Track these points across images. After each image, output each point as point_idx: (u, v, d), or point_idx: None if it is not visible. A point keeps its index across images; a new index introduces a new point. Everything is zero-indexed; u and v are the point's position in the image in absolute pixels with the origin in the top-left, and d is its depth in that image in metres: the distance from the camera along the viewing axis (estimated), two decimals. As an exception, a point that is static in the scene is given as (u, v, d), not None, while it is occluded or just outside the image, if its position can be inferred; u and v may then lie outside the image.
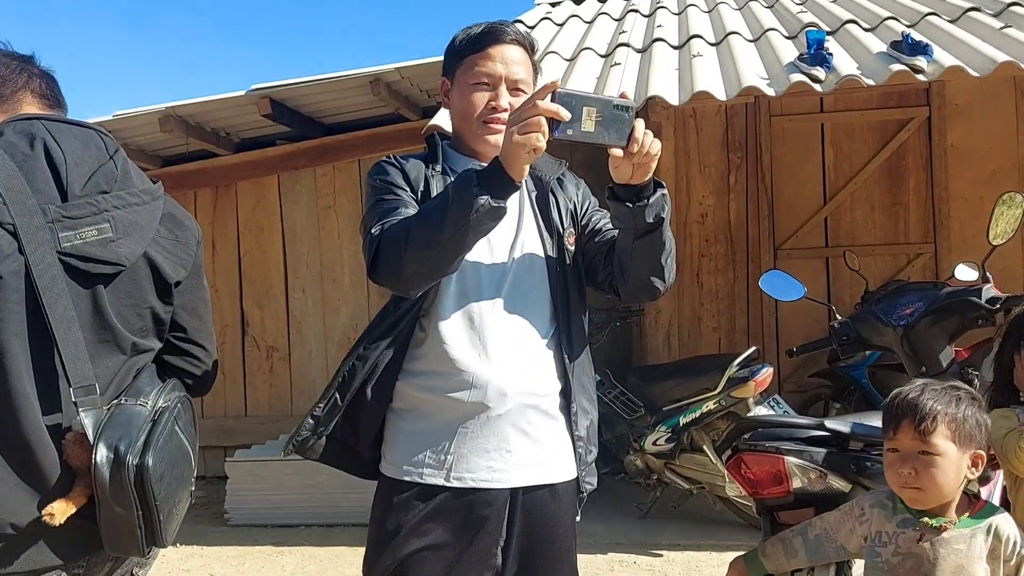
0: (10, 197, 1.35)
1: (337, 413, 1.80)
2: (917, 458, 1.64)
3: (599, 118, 1.54)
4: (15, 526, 1.35)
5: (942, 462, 1.63)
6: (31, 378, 1.38)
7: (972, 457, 1.65)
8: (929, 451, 1.63)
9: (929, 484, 1.64)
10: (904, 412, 1.66)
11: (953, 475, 1.64)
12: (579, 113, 1.51)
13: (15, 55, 1.63)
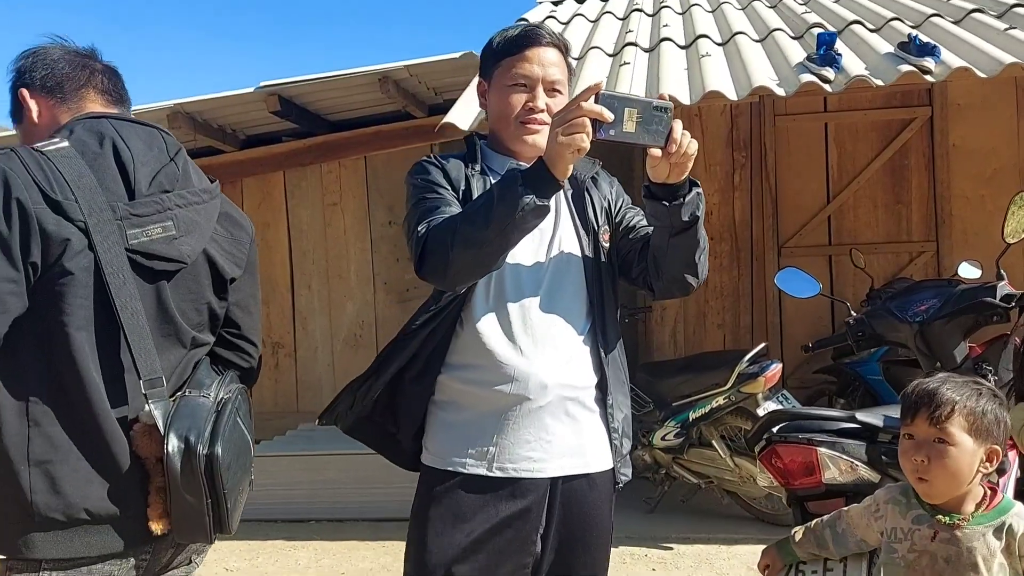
0: (81, 195, 1.39)
1: (373, 394, 1.86)
2: (932, 446, 1.64)
3: (639, 119, 1.58)
4: (90, 512, 1.39)
5: (955, 452, 1.62)
6: (99, 371, 1.42)
7: (987, 452, 1.65)
8: (944, 439, 1.63)
9: (941, 473, 1.63)
10: (922, 400, 1.67)
11: (966, 467, 1.63)
12: (621, 114, 1.55)
13: (77, 51, 1.65)
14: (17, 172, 1.36)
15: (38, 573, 1.38)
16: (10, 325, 1.36)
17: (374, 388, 1.87)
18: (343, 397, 1.91)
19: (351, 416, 1.91)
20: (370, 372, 1.89)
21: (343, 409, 1.91)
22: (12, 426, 1.37)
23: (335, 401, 1.93)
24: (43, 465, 1.37)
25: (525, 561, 1.82)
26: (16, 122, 1.66)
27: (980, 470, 1.65)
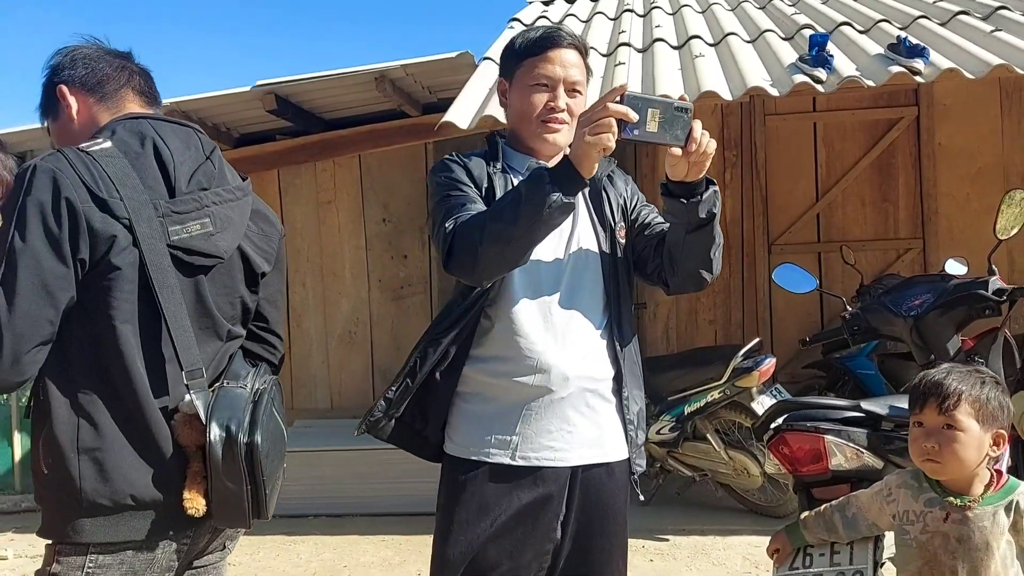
0: (126, 193, 1.44)
1: (408, 396, 1.89)
2: (941, 433, 1.74)
3: (662, 119, 1.65)
4: (135, 498, 1.44)
5: (964, 437, 1.72)
6: (143, 362, 1.47)
7: (994, 436, 1.75)
8: (953, 426, 1.73)
9: (950, 458, 1.73)
10: (930, 390, 1.77)
11: (974, 451, 1.73)
12: (644, 115, 1.62)
13: (116, 52, 1.69)
14: (65, 172, 1.41)
15: (85, 556, 1.43)
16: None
17: (408, 392, 1.90)
18: (377, 406, 1.92)
19: (388, 422, 1.93)
20: (404, 374, 1.91)
21: (381, 417, 1.92)
22: (61, 416, 1.42)
23: (370, 411, 1.94)
24: (91, 453, 1.42)
25: (546, 547, 1.88)
26: (49, 117, 1.69)
27: (988, 453, 1.74)
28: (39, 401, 1.45)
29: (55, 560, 1.44)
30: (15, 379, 1.38)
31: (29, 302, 1.36)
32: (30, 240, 1.37)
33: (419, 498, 4.86)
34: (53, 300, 1.39)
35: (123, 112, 1.63)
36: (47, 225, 1.38)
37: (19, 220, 1.38)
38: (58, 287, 1.39)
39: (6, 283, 1.36)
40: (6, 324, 1.34)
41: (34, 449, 1.47)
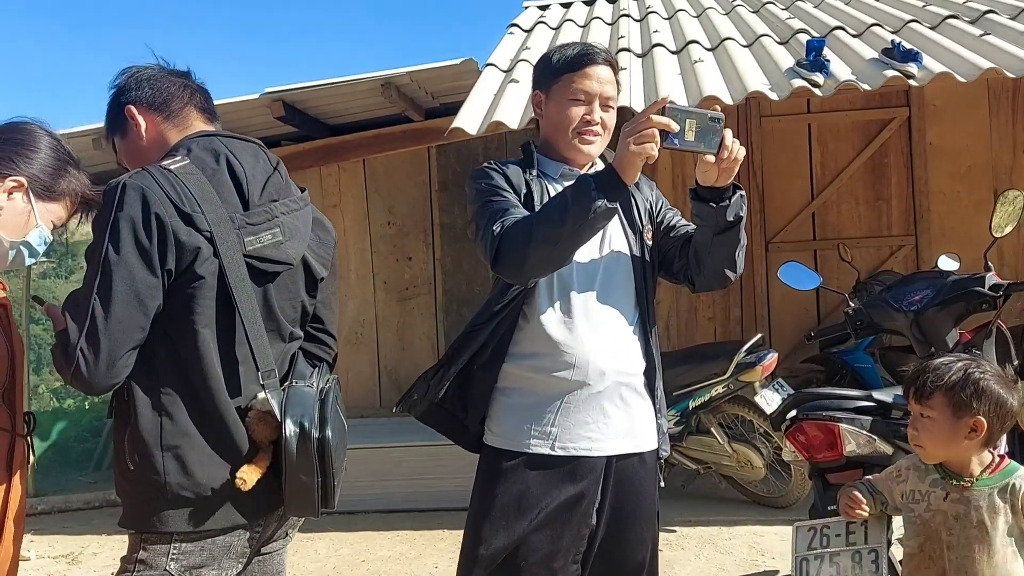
0: (206, 208, 1.54)
1: (446, 382, 2.03)
2: (919, 420, 1.91)
3: (698, 129, 1.78)
4: (213, 490, 1.55)
5: (934, 425, 1.88)
6: (219, 364, 1.58)
7: (971, 423, 1.86)
8: (927, 415, 1.89)
9: (928, 441, 1.90)
10: (911, 379, 1.95)
11: (947, 436, 1.87)
12: (683, 125, 1.75)
13: (176, 72, 1.80)
14: (153, 189, 1.51)
15: (170, 544, 1.54)
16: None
17: (446, 377, 2.04)
18: (417, 386, 2.08)
19: (424, 404, 2.07)
20: (442, 363, 2.06)
21: (417, 398, 2.07)
22: (145, 416, 1.52)
23: (409, 391, 2.09)
24: (174, 450, 1.53)
25: (583, 532, 2.01)
26: (117, 135, 1.79)
27: (967, 438, 1.86)
28: (122, 401, 1.56)
29: (141, 548, 1.54)
30: (110, 382, 1.49)
31: (123, 310, 1.47)
32: (123, 253, 1.47)
33: (431, 494, 5.02)
34: (144, 308, 1.49)
35: (190, 129, 1.73)
36: (138, 238, 1.48)
37: (112, 234, 1.48)
38: (148, 296, 1.50)
39: (102, 293, 1.46)
40: (103, 331, 1.45)
41: (119, 446, 1.57)
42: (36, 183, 1.61)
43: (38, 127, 1.67)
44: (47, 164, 1.63)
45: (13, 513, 1.56)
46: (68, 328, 1.46)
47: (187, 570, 1.54)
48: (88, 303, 1.46)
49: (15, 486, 1.56)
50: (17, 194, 1.59)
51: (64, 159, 1.67)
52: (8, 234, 1.59)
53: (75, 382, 1.47)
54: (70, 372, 1.45)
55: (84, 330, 1.44)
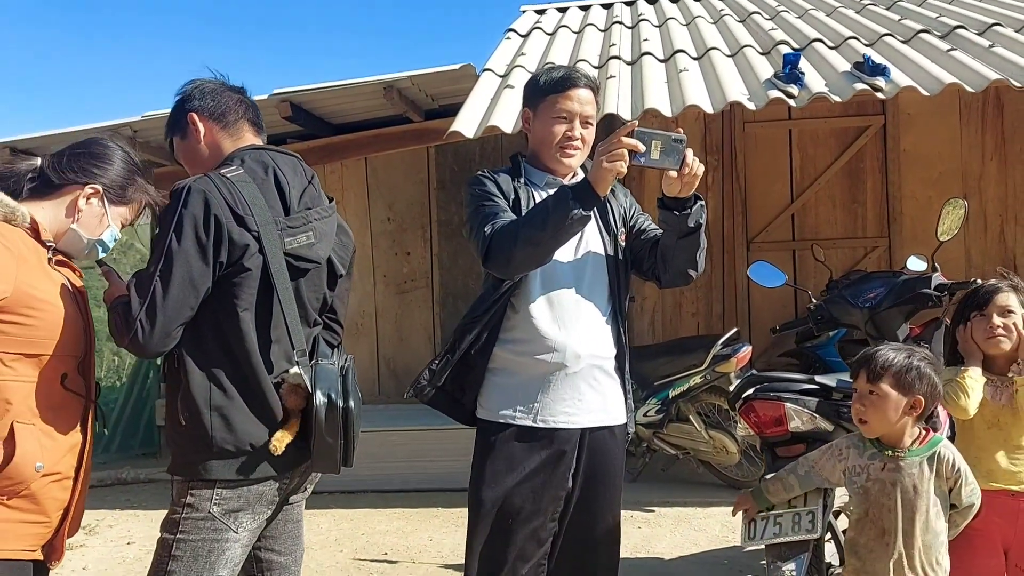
0: (256, 211, 1.84)
1: (448, 369, 2.31)
2: (867, 396, 2.17)
3: (662, 149, 2.08)
4: (253, 445, 1.84)
5: (881, 402, 2.15)
6: (256, 342, 1.87)
7: (912, 401, 2.15)
8: (875, 392, 2.16)
9: (874, 415, 2.16)
10: (862, 362, 2.21)
11: (892, 412, 2.15)
12: (649, 146, 2.05)
13: (233, 87, 2.09)
14: (213, 193, 1.80)
15: (213, 490, 1.83)
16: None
17: (449, 364, 2.32)
18: (423, 375, 2.35)
19: (431, 389, 2.35)
20: (445, 351, 2.34)
21: (425, 384, 2.35)
22: (196, 381, 1.82)
23: (417, 379, 2.36)
24: (220, 410, 1.82)
25: (560, 494, 2.31)
26: (177, 136, 2.07)
27: (907, 414, 2.16)
28: (173, 368, 1.85)
29: (188, 493, 1.83)
30: (159, 349, 1.77)
31: (179, 291, 1.76)
32: (184, 244, 1.76)
33: (426, 475, 5.34)
34: (196, 292, 1.78)
35: (242, 140, 2.03)
36: (198, 234, 1.77)
37: (177, 227, 1.77)
38: (200, 282, 1.78)
39: (163, 275, 1.75)
40: (160, 307, 1.74)
41: (171, 405, 1.86)
42: (110, 191, 1.89)
43: (112, 142, 1.95)
44: (119, 174, 1.91)
45: (84, 470, 1.84)
46: (131, 300, 1.75)
47: (227, 513, 1.83)
48: (151, 282, 1.75)
49: (88, 446, 1.85)
50: (94, 199, 1.87)
51: (133, 170, 1.95)
52: (87, 232, 1.87)
53: (130, 346, 1.76)
54: (128, 337, 1.74)
55: (145, 304, 1.73)
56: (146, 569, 1.90)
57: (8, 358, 1.65)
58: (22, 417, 1.66)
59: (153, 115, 5.92)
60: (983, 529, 2.29)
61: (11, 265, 1.64)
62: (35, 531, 1.71)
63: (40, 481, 1.68)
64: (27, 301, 1.66)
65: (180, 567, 1.79)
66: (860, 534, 2.20)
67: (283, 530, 2.06)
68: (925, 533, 2.12)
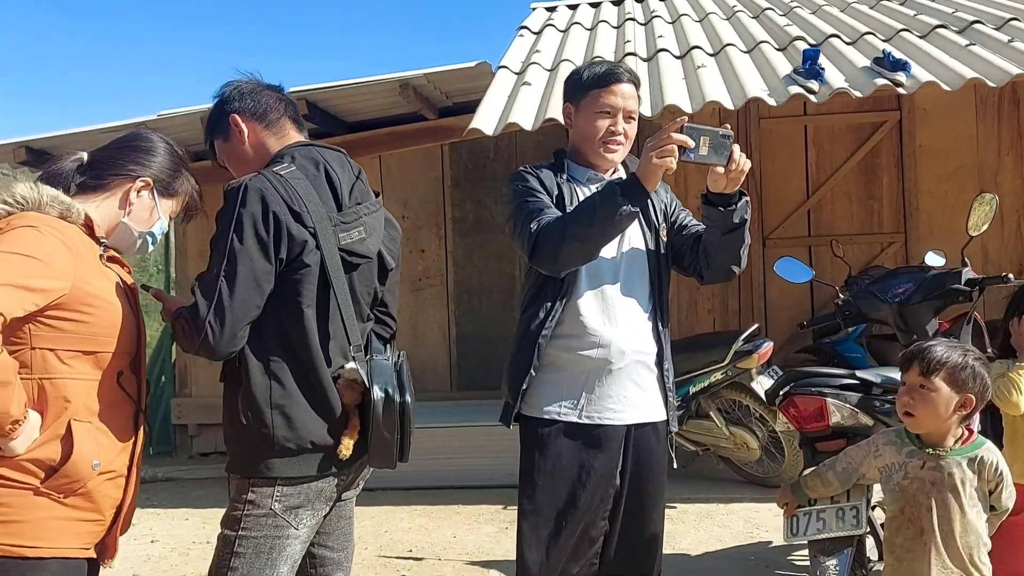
0: (311, 207, 1.84)
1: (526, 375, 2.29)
2: (917, 390, 2.14)
3: (710, 145, 2.08)
4: (313, 443, 1.83)
5: (935, 397, 2.12)
6: (319, 338, 1.87)
7: (963, 399, 2.13)
8: (926, 386, 2.13)
9: (920, 412, 2.13)
10: (916, 355, 2.17)
11: (942, 408, 2.12)
12: (698, 141, 2.05)
13: (271, 85, 2.08)
14: (270, 191, 1.80)
15: (274, 487, 1.83)
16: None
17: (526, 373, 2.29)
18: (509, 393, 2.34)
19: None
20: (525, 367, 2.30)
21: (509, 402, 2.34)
22: (257, 379, 1.82)
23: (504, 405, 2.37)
24: (281, 408, 1.81)
25: (609, 492, 2.31)
26: (219, 139, 2.06)
27: (957, 412, 2.14)
28: (234, 368, 1.85)
29: (249, 490, 1.83)
30: (230, 349, 1.78)
31: (244, 290, 1.75)
32: (246, 243, 1.75)
33: (447, 473, 5.34)
34: (261, 290, 1.78)
35: (287, 138, 2.02)
36: (258, 232, 1.76)
37: (237, 227, 1.76)
38: (264, 280, 1.78)
39: (228, 275, 1.74)
40: (228, 307, 1.74)
41: (230, 403, 1.86)
42: (159, 183, 1.89)
43: (156, 135, 1.94)
44: (167, 167, 1.90)
45: (136, 467, 1.84)
46: (198, 303, 1.74)
47: (288, 510, 1.83)
48: (216, 283, 1.74)
49: (140, 439, 1.85)
50: (145, 192, 1.87)
51: (178, 163, 1.94)
52: (138, 226, 1.87)
53: (201, 349, 1.76)
54: (199, 341, 1.74)
55: (212, 305, 1.73)
56: (172, 567, 1.90)
57: (66, 355, 1.65)
58: (79, 415, 1.66)
59: (168, 114, 5.93)
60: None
61: (69, 261, 1.64)
62: (90, 529, 1.70)
63: (96, 479, 1.68)
64: (84, 298, 1.65)
65: (243, 563, 1.79)
66: (896, 534, 2.18)
67: (336, 526, 2.06)
68: (965, 534, 2.11)
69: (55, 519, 1.63)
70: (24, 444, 1.60)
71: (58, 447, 1.63)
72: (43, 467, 1.62)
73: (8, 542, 1.59)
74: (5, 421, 1.53)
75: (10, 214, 1.67)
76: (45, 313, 1.61)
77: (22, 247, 1.58)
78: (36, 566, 1.61)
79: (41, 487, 1.62)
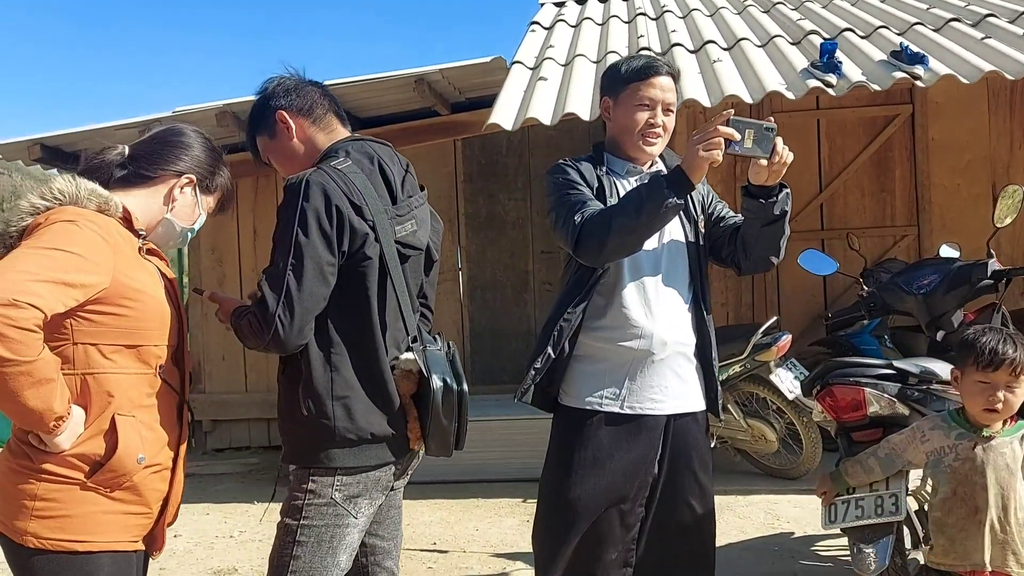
0: (369, 201, 1.85)
1: (548, 364, 2.32)
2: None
3: (754, 137, 2.10)
4: (373, 434, 1.86)
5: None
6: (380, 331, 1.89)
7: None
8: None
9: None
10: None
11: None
12: (743, 134, 2.08)
13: (312, 81, 2.09)
14: (331, 185, 1.81)
15: (334, 477, 1.85)
16: None
17: (550, 359, 2.32)
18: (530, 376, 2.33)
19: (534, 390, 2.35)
20: (546, 347, 2.32)
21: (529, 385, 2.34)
22: (319, 371, 1.83)
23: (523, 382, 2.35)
24: (342, 400, 1.83)
25: (647, 480, 2.34)
26: (265, 135, 2.06)
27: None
28: (293, 360, 1.86)
29: (310, 479, 1.85)
30: (300, 342, 1.80)
31: (312, 283, 1.77)
32: (311, 237, 1.77)
33: (464, 467, 5.35)
34: (326, 282, 1.80)
35: (335, 132, 2.04)
36: (322, 226, 1.78)
37: (301, 221, 1.77)
38: (330, 272, 1.80)
39: (295, 269, 1.76)
40: (297, 299, 1.75)
41: (290, 395, 1.87)
42: (201, 180, 1.89)
43: (195, 131, 1.94)
44: (208, 163, 1.90)
45: (181, 459, 1.85)
46: (266, 298, 1.76)
47: (348, 499, 1.86)
48: (283, 278, 1.76)
49: (184, 431, 1.86)
50: (188, 188, 1.87)
51: (217, 158, 1.94)
52: (181, 221, 1.87)
53: (271, 344, 1.77)
54: (269, 335, 1.75)
55: (281, 299, 1.75)
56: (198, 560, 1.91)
57: (108, 350, 1.65)
58: (123, 409, 1.66)
59: (184, 110, 5.94)
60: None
61: (108, 256, 1.63)
62: (138, 522, 1.71)
63: (142, 473, 1.68)
64: (124, 292, 1.65)
65: (305, 552, 1.82)
66: (948, 514, 2.22)
67: (387, 515, 2.08)
68: (1021, 509, 2.16)
69: (103, 513, 1.64)
70: (69, 440, 1.60)
71: (102, 442, 1.64)
72: (88, 462, 1.63)
73: (59, 536, 1.60)
74: (49, 418, 1.53)
75: (48, 208, 1.66)
76: (86, 308, 1.60)
77: (61, 242, 1.57)
78: (88, 560, 1.62)
79: (88, 482, 1.62)
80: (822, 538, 4.00)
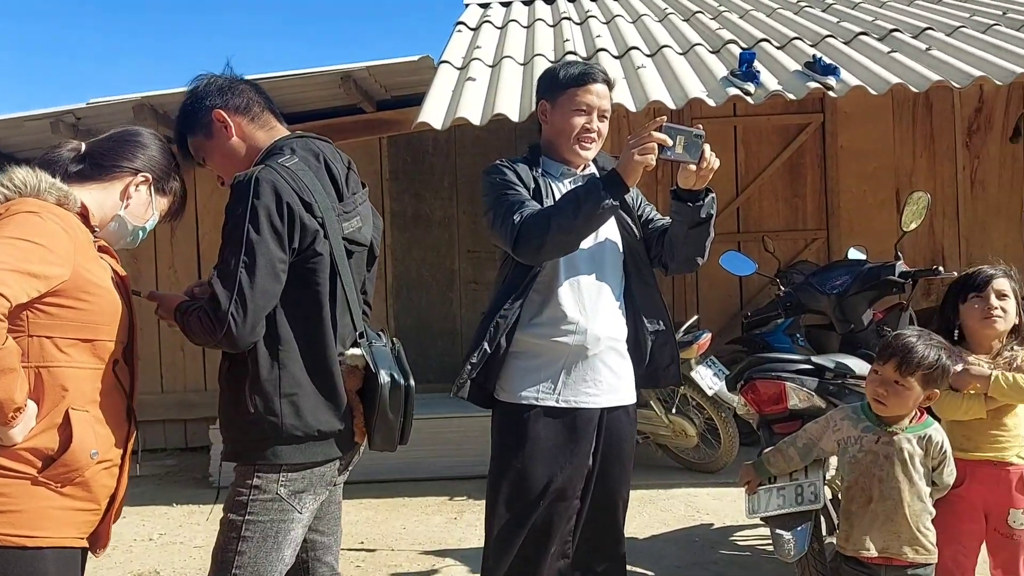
0: (318, 198, 1.86)
1: (484, 359, 2.35)
2: (892, 385, 2.28)
3: (685, 144, 2.20)
4: (320, 431, 1.86)
5: (907, 393, 2.28)
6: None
7: (929, 393, 2.30)
8: (901, 384, 2.27)
9: (892, 403, 2.28)
10: (897, 351, 2.27)
11: (912, 403, 2.30)
12: (675, 140, 2.17)
13: (244, 79, 2.08)
14: (280, 182, 1.81)
15: (279, 474, 1.85)
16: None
17: (486, 354, 2.35)
18: (465, 371, 2.36)
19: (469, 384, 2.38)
20: (482, 342, 2.35)
21: (466, 380, 2.37)
22: (265, 368, 1.82)
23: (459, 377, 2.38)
24: (290, 397, 1.83)
25: (583, 472, 2.40)
26: (201, 135, 2.02)
27: (922, 404, 2.32)
28: (238, 358, 1.85)
29: (255, 475, 1.84)
30: (252, 340, 1.79)
31: (264, 281, 1.76)
32: (263, 234, 1.76)
33: (387, 466, 5.29)
34: (278, 279, 1.80)
35: (274, 130, 2.03)
36: (273, 223, 1.77)
37: (252, 218, 1.76)
38: (281, 270, 1.80)
39: (248, 267, 1.75)
40: (250, 298, 1.74)
41: (236, 394, 1.86)
42: (156, 180, 1.88)
43: (152, 132, 1.93)
44: (163, 163, 1.90)
45: (127, 456, 1.83)
46: (218, 296, 1.74)
47: (293, 494, 1.86)
48: (235, 275, 1.74)
49: (133, 426, 1.84)
50: (143, 187, 1.86)
51: (173, 161, 1.94)
52: (133, 220, 1.86)
53: (224, 341, 1.76)
54: (221, 333, 1.74)
55: (233, 296, 1.74)
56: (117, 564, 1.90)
57: (64, 343, 1.64)
58: (77, 404, 1.65)
59: (99, 102, 5.75)
60: (966, 496, 2.47)
61: (70, 248, 1.63)
62: (86, 519, 1.70)
63: (93, 468, 1.67)
64: (83, 285, 1.64)
65: (250, 547, 1.81)
66: (851, 502, 2.34)
67: (327, 511, 2.09)
68: (913, 502, 2.27)
69: (53, 508, 1.62)
70: (22, 433, 1.59)
71: (56, 436, 1.62)
72: (41, 456, 1.61)
73: (8, 531, 1.57)
74: (8, 408, 1.52)
75: (8, 199, 1.65)
76: (43, 300, 1.59)
77: (26, 233, 1.57)
78: (36, 556, 1.60)
79: (39, 476, 1.61)
80: (740, 528, 4.16)
